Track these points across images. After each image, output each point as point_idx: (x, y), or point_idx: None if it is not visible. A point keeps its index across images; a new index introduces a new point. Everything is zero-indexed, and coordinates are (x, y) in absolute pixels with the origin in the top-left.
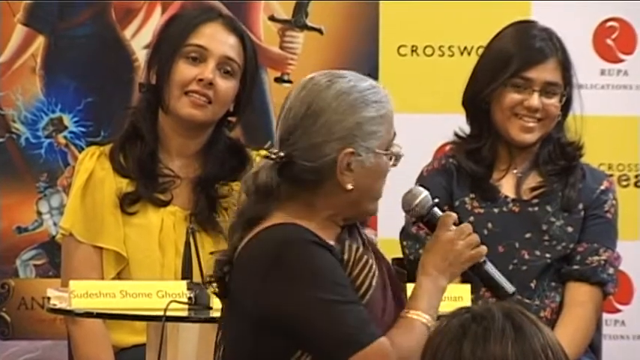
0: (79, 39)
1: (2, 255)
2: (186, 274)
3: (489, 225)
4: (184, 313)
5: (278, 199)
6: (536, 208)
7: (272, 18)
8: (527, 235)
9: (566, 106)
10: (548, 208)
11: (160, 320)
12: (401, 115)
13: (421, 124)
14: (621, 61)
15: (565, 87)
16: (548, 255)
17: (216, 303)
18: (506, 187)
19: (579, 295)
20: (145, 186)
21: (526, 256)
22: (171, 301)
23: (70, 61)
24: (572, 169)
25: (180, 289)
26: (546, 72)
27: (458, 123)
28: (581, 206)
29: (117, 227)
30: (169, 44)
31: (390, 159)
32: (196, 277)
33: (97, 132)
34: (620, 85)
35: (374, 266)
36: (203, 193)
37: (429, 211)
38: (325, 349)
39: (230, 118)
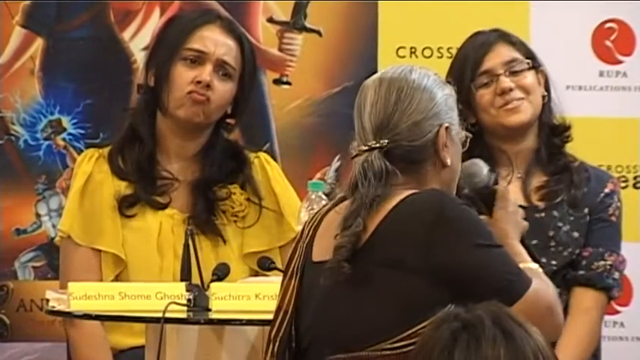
0: (77, 41)
1: (1, 257)
2: (185, 275)
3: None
4: (183, 315)
5: (394, 181)
6: (542, 214)
7: (271, 20)
8: (534, 242)
9: (547, 85)
10: (555, 213)
11: (158, 322)
12: None
13: None
14: (620, 62)
15: (529, 59)
16: (554, 262)
17: (215, 305)
18: (512, 192)
19: (585, 301)
20: (143, 189)
21: None
22: (170, 303)
23: (68, 63)
24: (577, 169)
25: (179, 290)
26: (498, 56)
27: None
28: (586, 210)
29: (115, 230)
30: (168, 47)
31: (462, 143)
32: (195, 279)
33: (95, 134)
34: (619, 86)
35: None
36: (202, 196)
37: (494, 183)
38: (489, 294)
39: (228, 120)
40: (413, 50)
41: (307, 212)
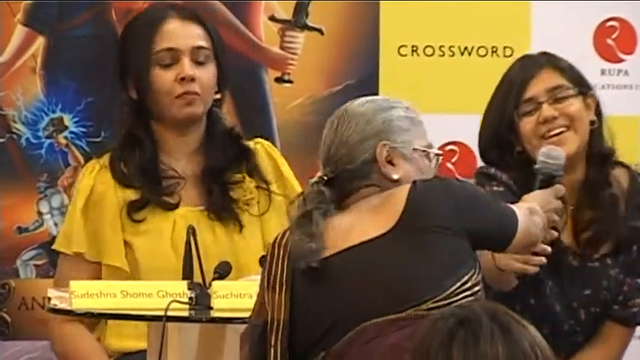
0: (79, 39)
1: (3, 255)
2: (187, 274)
3: (549, 282)
4: (185, 314)
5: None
6: (596, 264)
7: (272, 18)
8: (587, 292)
9: (597, 110)
10: (608, 261)
11: (160, 320)
12: None
13: (424, 124)
14: (622, 60)
15: (577, 87)
16: (600, 309)
17: (217, 303)
18: (564, 230)
19: (612, 338)
20: (150, 191)
21: (582, 316)
22: (172, 301)
23: (70, 61)
24: (622, 198)
25: (181, 289)
26: (543, 82)
27: (459, 123)
28: (635, 247)
29: (117, 242)
30: (137, 56)
31: (430, 160)
32: (196, 278)
33: (97, 132)
34: (620, 84)
35: None
36: (214, 184)
37: (559, 175)
38: (497, 238)
39: (216, 97)
40: (414, 48)
41: None
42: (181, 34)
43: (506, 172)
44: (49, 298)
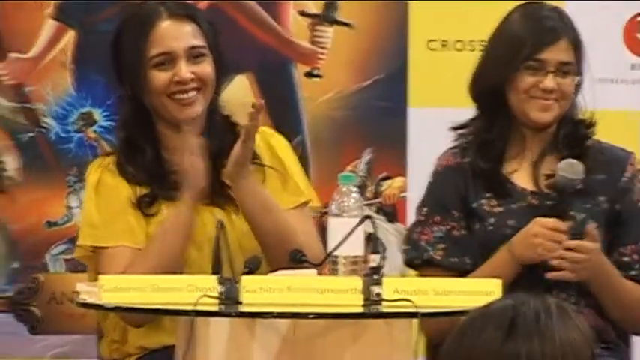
0: (109, 33)
1: (32, 250)
2: (216, 268)
3: (511, 222)
4: (215, 308)
5: None
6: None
7: (302, 13)
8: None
9: (577, 87)
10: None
11: (189, 314)
12: (431, 110)
13: (452, 118)
14: None
15: (577, 64)
16: None
17: (246, 297)
18: (522, 177)
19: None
20: (159, 187)
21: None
22: (202, 296)
23: (100, 55)
24: (591, 153)
25: (211, 283)
26: (560, 52)
27: None
28: (602, 198)
29: (140, 225)
30: (131, 58)
31: None
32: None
33: None
34: None
35: None
36: (213, 173)
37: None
38: None
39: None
40: (444, 43)
41: (338, 205)
42: (174, 35)
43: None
44: (78, 293)
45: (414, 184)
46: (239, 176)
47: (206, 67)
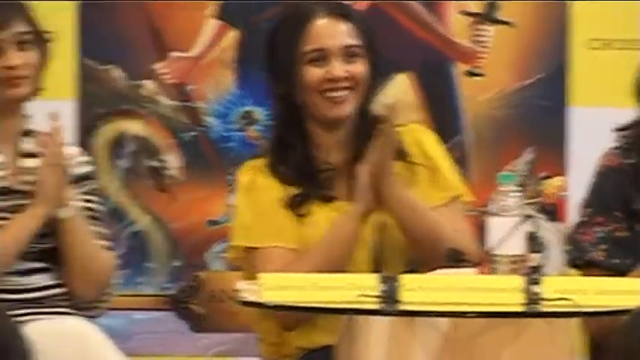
0: None
1: (193, 248)
2: (377, 268)
3: None
4: (374, 307)
5: None
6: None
7: (463, 12)
8: None
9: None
10: None
11: (347, 313)
12: (592, 109)
13: (613, 118)
14: None
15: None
16: None
17: (405, 296)
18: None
19: None
20: (310, 186)
21: None
22: (360, 295)
23: (262, 54)
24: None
25: (371, 282)
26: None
27: None
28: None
29: (292, 226)
30: (286, 54)
31: None
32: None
33: None
34: None
35: None
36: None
37: None
38: None
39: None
40: (606, 43)
41: (498, 205)
42: (330, 33)
43: None
44: (239, 291)
45: (575, 184)
46: (383, 187)
47: (359, 67)
